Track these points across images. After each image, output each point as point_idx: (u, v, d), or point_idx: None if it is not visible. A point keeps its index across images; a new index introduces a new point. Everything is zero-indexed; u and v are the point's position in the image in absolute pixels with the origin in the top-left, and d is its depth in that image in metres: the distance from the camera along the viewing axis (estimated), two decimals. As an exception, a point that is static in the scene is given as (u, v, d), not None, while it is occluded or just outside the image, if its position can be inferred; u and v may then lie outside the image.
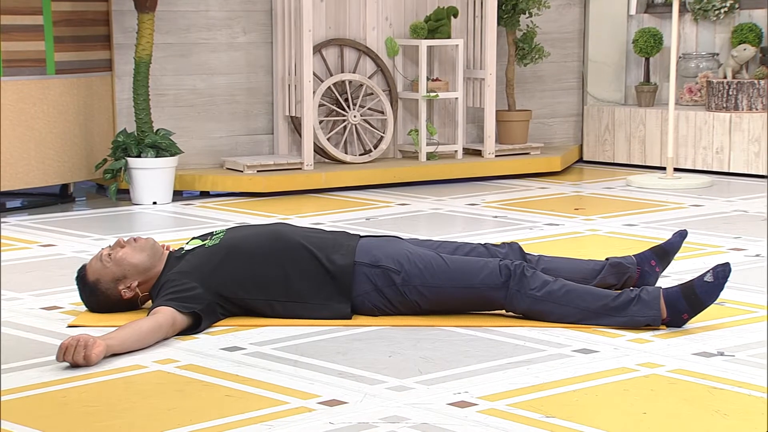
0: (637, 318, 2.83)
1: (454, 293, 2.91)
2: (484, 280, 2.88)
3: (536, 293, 2.86)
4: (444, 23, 5.43)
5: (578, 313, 2.86)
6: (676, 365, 2.59)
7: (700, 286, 2.81)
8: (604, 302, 2.86)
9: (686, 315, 2.84)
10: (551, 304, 2.86)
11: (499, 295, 2.88)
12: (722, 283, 2.81)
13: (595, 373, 2.53)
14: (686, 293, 2.82)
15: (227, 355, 2.67)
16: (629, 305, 2.84)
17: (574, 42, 6.04)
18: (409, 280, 2.91)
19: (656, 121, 5.77)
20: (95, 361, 2.57)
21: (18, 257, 3.78)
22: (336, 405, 2.32)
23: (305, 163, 5.16)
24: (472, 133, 5.76)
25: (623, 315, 2.83)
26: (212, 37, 5.18)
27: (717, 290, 2.82)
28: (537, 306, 2.87)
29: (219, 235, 3.04)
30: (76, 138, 4.86)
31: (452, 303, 2.93)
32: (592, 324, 2.87)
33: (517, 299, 2.87)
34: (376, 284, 2.91)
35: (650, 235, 4.10)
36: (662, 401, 2.36)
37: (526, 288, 2.86)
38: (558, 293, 2.87)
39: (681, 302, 2.82)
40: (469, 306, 2.95)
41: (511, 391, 2.40)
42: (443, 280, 2.90)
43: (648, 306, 2.82)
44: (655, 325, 2.84)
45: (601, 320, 2.86)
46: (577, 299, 2.86)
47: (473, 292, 2.89)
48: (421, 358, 2.65)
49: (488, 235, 4.07)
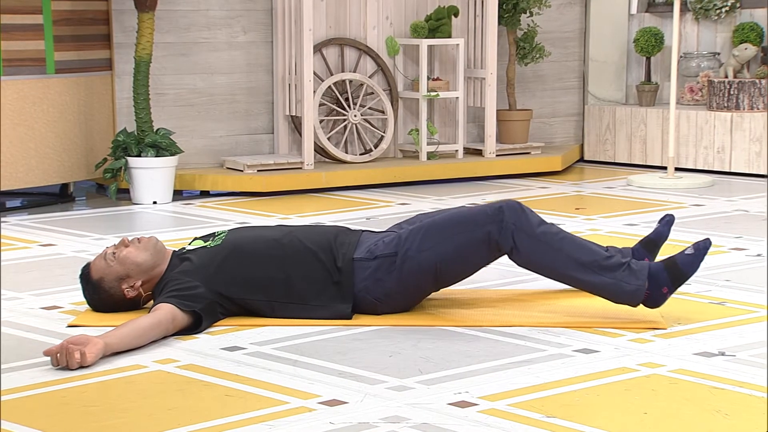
0: (622, 283, 2.85)
1: (449, 246, 2.87)
2: (477, 219, 2.86)
3: (534, 229, 2.84)
4: (444, 22, 5.43)
5: (569, 262, 2.85)
6: (677, 365, 2.59)
7: (681, 258, 2.87)
8: (595, 258, 2.87)
9: (666, 289, 2.87)
10: (545, 246, 2.84)
11: (493, 229, 2.83)
12: (702, 254, 2.87)
13: (596, 373, 2.54)
14: (668, 265, 2.87)
15: (228, 355, 2.68)
16: (618, 269, 2.86)
17: (575, 41, 6.04)
18: (406, 257, 2.88)
19: (657, 120, 5.77)
20: (92, 361, 2.57)
21: (18, 257, 3.78)
22: (336, 405, 2.33)
23: (305, 163, 5.16)
24: (473, 133, 5.77)
25: (610, 277, 2.85)
26: (212, 37, 5.19)
27: (697, 261, 2.87)
28: (532, 245, 2.84)
29: (221, 235, 3.04)
30: (76, 137, 4.86)
31: (452, 263, 2.88)
32: (578, 277, 2.86)
33: (513, 234, 2.83)
34: (375, 276, 2.91)
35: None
36: (663, 401, 2.37)
37: (522, 223, 2.84)
38: (554, 237, 2.86)
39: (663, 275, 2.86)
40: (469, 260, 2.89)
41: (511, 391, 2.40)
42: (437, 236, 2.88)
43: (635, 275, 2.85)
44: (637, 297, 2.86)
45: (588, 275, 2.86)
46: (570, 247, 2.86)
47: (468, 236, 2.85)
48: (422, 358, 2.65)
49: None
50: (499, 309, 3.06)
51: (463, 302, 3.13)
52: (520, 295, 3.22)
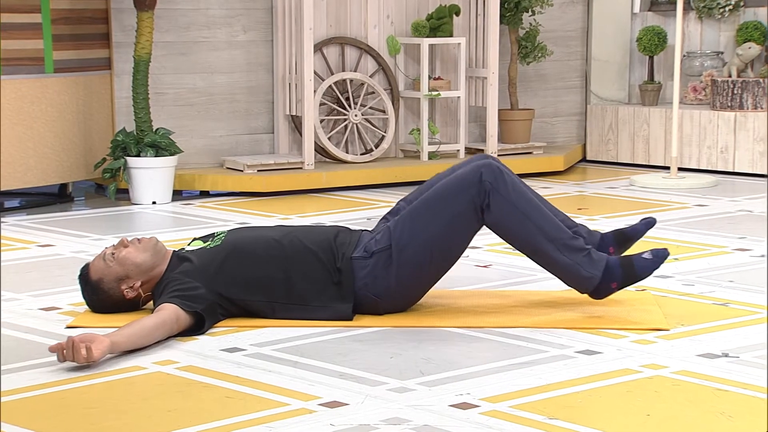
0: (579, 268, 2.90)
1: (439, 225, 2.88)
2: (458, 187, 2.88)
3: (509, 192, 2.88)
4: (446, 21, 5.43)
5: (536, 232, 2.89)
6: (680, 366, 2.59)
7: (638, 260, 2.93)
8: (561, 236, 2.91)
9: (615, 284, 2.93)
10: (516, 211, 2.88)
11: (474, 193, 2.86)
12: (659, 262, 2.93)
13: (599, 374, 2.54)
14: (624, 263, 2.93)
15: (228, 356, 2.68)
16: (580, 252, 2.91)
17: (577, 40, 6.04)
18: (399, 247, 2.90)
19: (660, 120, 5.77)
20: (99, 358, 2.58)
21: (16, 257, 3.78)
22: (337, 406, 2.33)
23: (306, 163, 5.16)
24: (474, 133, 5.77)
25: (571, 258, 2.90)
26: (212, 36, 5.19)
27: (653, 267, 2.93)
28: (503, 207, 2.87)
29: (220, 236, 3.04)
30: (74, 137, 4.87)
31: (446, 240, 2.90)
32: (540, 249, 2.90)
33: (489, 194, 2.87)
34: (374, 273, 2.91)
35: (654, 235, 4.11)
36: (666, 403, 2.37)
37: (499, 184, 2.88)
38: (527, 204, 2.90)
39: (617, 271, 2.91)
40: (462, 232, 2.90)
41: (513, 393, 2.40)
42: (424, 218, 2.90)
43: (593, 265, 2.91)
44: (588, 285, 2.92)
45: (550, 250, 2.90)
46: (540, 218, 2.90)
47: (454, 209, 2.88)
48: (423, 359, 2.66)
49: (491, 235, 4.07)
50: (501, 310, 3.06)
51: (465, 303, 3.13)
52: (522, 295, 3.23)
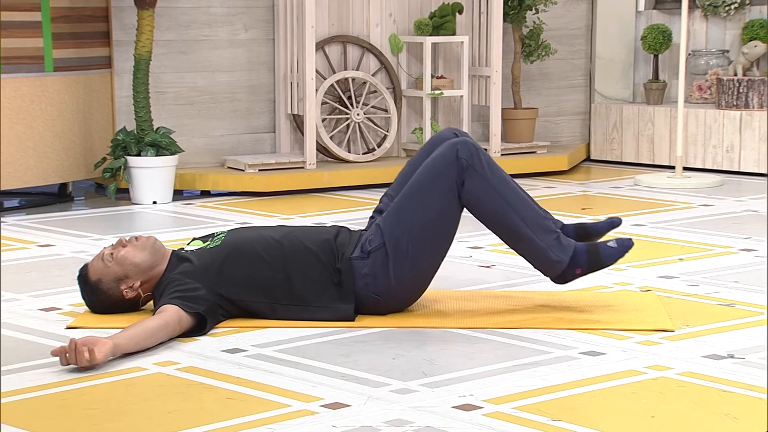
0: (548, 251, 2.94)
1: (428, 213, 2.90)
2: (437, 171, 2.90)
3: (484, 170, 2.91)
4: (449, 20, 5.43)
5: (511, 211, 2.92)
6: (685, 368, 2.59)
7: (604, 248, 2.98)
8: (534, 216, 2.95)
9: (579, 270, 2.96)
10: (490, 189, 2.91)
11: (453, 172, 2.89)
12: (624, 251, 2.98)
13: (603, 375, 2.54)
14: (590, 249, 2.97)
15: (228, 357, 2.68)
16: (551, 235, 2.95)
17: (581, 39, 6.04)
18: (393, 243, 2.91)
19: (665, 119, 5.77)
20: (102, 361, 2.58)
21: (16, 257, 3.78)
22: (339, 408, 2.33)
23: (307, 162, 5.16)
24: (478, 132, 5.77)
25: (542, 239, 2.94)
26: (213, 34, 5.19)
27: (617, 255, 2.98)
28: (478, 184, 2.90)
29: (220, 236, 3.04)
30: (74, 136, 4.87)
31: (438, 225, 2.92)
32: (513, 228, 2.93)
33: (465, 171, 2.90)
34: (373, 272, 2.92)
35: (658, 236, 4.10)
36: (671, 404, 2.37)
37: (474, 161, 2.91)
38: (504, 182, 2.93)
39: (583, 257, 2.95)
40: (451, 213, 2.92)
41: (517, 394, 2.40)
42: (411, 208, 2.91)
43: (562, 250, 2.95)
44: (555, 270, 2.96)
45: (524, 230, 2.93)
46: (516, 198, 2.94)
47: (438, 193, 2.90)
48: (426, 361, 2.66)
49: (493, 235, 4.07)
50: (504, 311, 3.06)
51: (468, 304, 3.13)
52: (525, 296, 3.23)
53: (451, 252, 3.81)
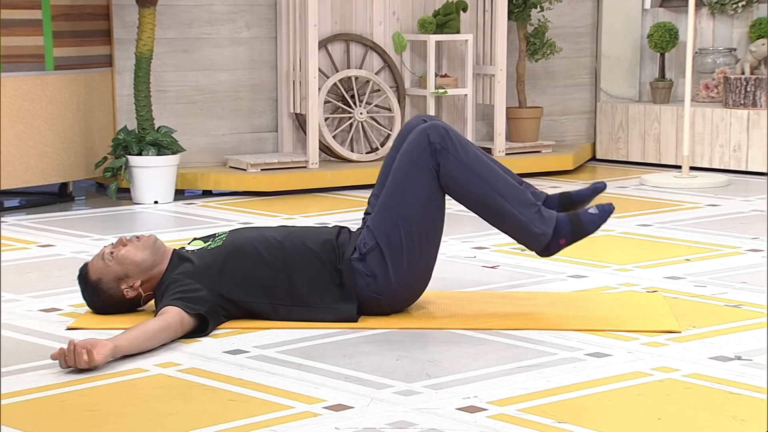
0: (531, 225, 2.95)
1: (413, 205, 2.92)
2: (413, 158, 2.92)
3: (458, 150, 2.92)
4: (453, 18, 5.43)
5: (489, 188, 2.93)
6: (691, 369, 2.59)
7: (585, 215, 2.99)
8: (513, 191, 2.95)
9: (564, 241, 2.97)
10: (466, 168, 2.92)
11: (426, 156, 2.90)
12: (605, 216, 3.00)
13: (608, 377, 2.54)
14: (571, 218, 2.99)
15: (230, 358, 2.68)
16: (532, 208, 2.96)
17: (586, 37, 6.04)
18: (385, 241, 2.91)
19: (671, 118, 5.77)
20: (101, 363, 2.58)
21: (16, 258, 3.79)
22: (342, 410, 2.33)
23: (310, 162, 5.16)
24: (482, 131, 5.77)
25: (523, 213, 2.94)
26: (215, 32, 5.19)
27: (599, 221, 2.99)
28: (453, 166, 2.91)
29: (221, 236, 3.04)
30: (75, 135, 4.88)
31: (426, 213, 2.93)
32: (493, 205, 2.93)
33: (438, 154, 2.91)
34: (372, 272, 2.92)
35: (665, 236, 4.10)
36: (677, 406, 2.37)
37: (447, 143, 2.92)
38: (479, 160, 2.94)
39: (565, 226, 2.97)
40: (437, 200, 2.93)
41: (521, 396, 2.40)
42: (398, 203, 2.92)
43: (544, 221, 2.96)
44: (540, 243, 2.96)
45: (504, 206, 2.94)
46: (492, 175, 2.95)
47: (419, 182, 2.91)
48: (430, 362, 2.66)
49: (498, 236, 4.08)
50: (509, 312, 3.06)
51: (472, 305, 3.13)
52: (530, 297, 3.22)
53: (455, 252, 3.82)
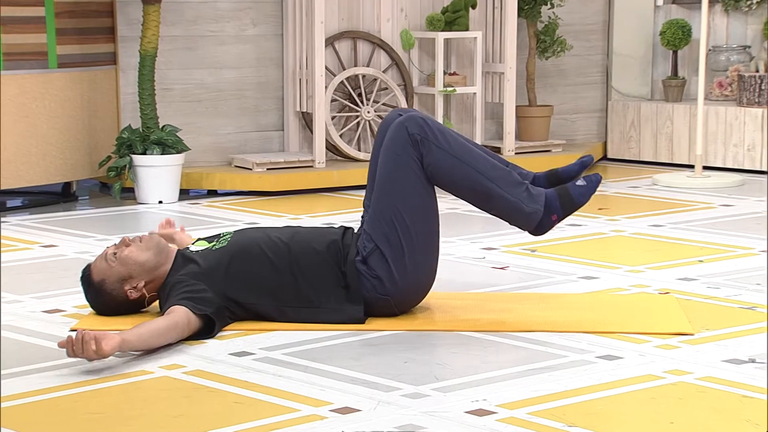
0: (521, 204, 2.96)
1: (406, 199, 2.94)
2: (396, 153, 2.93)
3: (438, 138, 2.93)
4: (462, 15, 5.43)
5: (475, 173, 2.94)
6: (705, 372, 2.58)
7: (573, 188, 3.00)
8: (499, 172, 2.97)
9: (555, 217, 2.98)
10: (453, 157, 2.93)
11: (409, 149, 2.91)
12: (594, 186, 3.01)
13: (620, 380, 2.53)
14: (560, 193, 2.99)
15: (236, 361, 2.69)
16: (519, 187, 2.97)
17: (598, 34, 6.03)
18: (384, 242, 2.92)
19: (684, 117, 5.76)
20: (109, 354, 2.58)
21: (19, 258, 3.80)
22: (349, 413, 2.33)
23: (317, 161, 5.17)
24: (491, 130, 5.77)
25: (512, 193, 2.96)
26: (220, 30, 5.20)
27: (589, 193, 3.00)
28: (436, 154, 2.92)
29: (226, 237, 3.05)
30: (78, 134, 4.89)
31: (419, 206, 2.94)
32: (480, 190, 2.95)
33: (420, 145, 2.92)
34: (377, 275, 2.93)
35: (677, 237, 4.10)
36: (691, 410, 2.36)
37: (426, 133, 2.93)
38: (461, 146, 2.95)
39: (555, 202, 2.98)
40: (427, 192, 2.95)
41: (531, 399, 2.40)
42: (390, 202, 2.94)
43: (533, 199, 2.97)
44: (532, 221, 2.97)
45: (492, 188, 2.95)
46: (476, 159, 2.96)
47: (405, 177, 2.93)
48: (438, 364, 2.66)
49: (508, 236, 4.07)
50: (518, 313, 3.06)
51: (481, 306, 3.13)
52: (540, 298, 3.22)
53: (464, 253, 3.82)
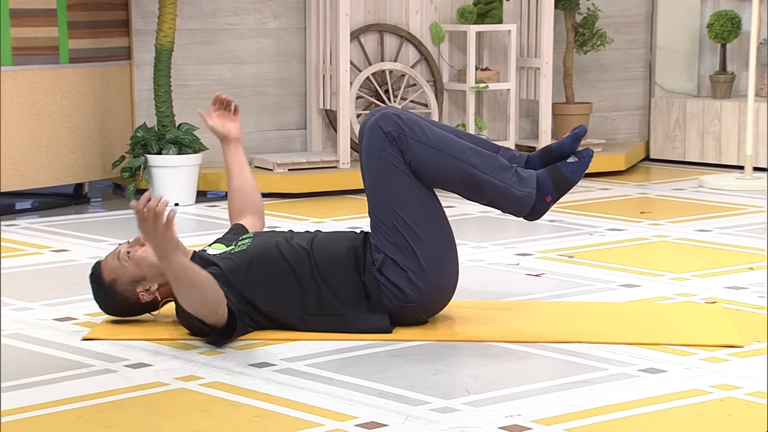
0: (511, 189, 2.98)
1: (403, 197, 2.95)
2: (380, 151, 2.95)
3: (416, 132, 2.95)
4: (495, 6, 5.43)
5: (459, 162, 2.96)
6: (754, 387, 2.57)
7: (565, 166, 3.02)
8: (484, 159, 2.99)
9: (549, 198, 3.00)
10: (434, 150, 2.95)
11: (388, 149, 2.94)
12: (586, 162, 3.03)
13: (664, 395, 2.52)
14: (552, 173, 3.01)
15: (256, 372, 2.69)
16: (508, 172, 2.99)
17: (640, 26, 6.01)
18: (393, 249, 2.93)
19: (733, 114, 5.73)
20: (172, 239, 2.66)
21: (29, 263, 3.83)
22: (375, 428, 2.34)
23: (341, 161, 5.18)
24: (526, 128, 5.76)
25: (501, 179, 2.97)
26: (240, 23, 5.23)
27: (581, 169, 3.02)
28: (417, 149, 2.94)
29: (245, 241, 3.06)
30: (91, 133, 4.92)
31: (419, 204, 2.96)
32: (468, 179, 2.96)
33: (398, 141, 2.94)
34: (396, 285, 2.93)
35: (725, 242, 4.07)
36: (739, 428, 2.35)
37: (403, 129, 2.95)
38: (440, 137, 2.97)
39: (547, 182, 3.00)
40: (421, 189, 2.97)
41: (568, 414, 2.40)
42: (388, 204, 2.95)
43: (524, 182, 2.99)
44: (525, 205, 2.99)
45: (479, 175, 2.97)
46: (458, 148, 2.98)
47: (394, 175, 2.95)
48: (469, 377, 2.66)
49: (543, 241, 4.06)
50: (555, 323, 3.05)
51: (515, 315, 3.12)
52: (578, 307, 3.21)
53: (497, 259, 3.82)
